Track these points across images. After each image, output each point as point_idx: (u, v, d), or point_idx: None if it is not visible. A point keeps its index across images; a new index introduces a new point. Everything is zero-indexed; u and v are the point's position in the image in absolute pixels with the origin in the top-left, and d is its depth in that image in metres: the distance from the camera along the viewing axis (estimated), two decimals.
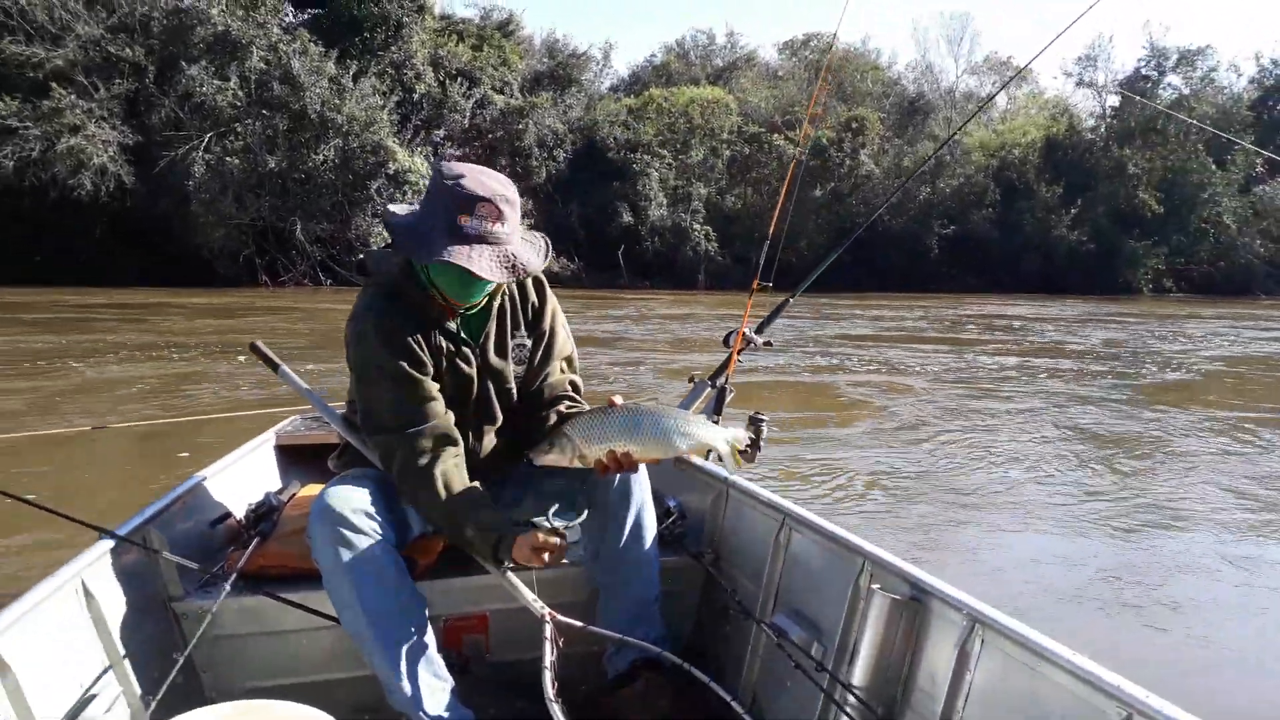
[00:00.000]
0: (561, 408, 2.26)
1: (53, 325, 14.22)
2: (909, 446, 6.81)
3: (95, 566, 1.89)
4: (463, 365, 2.14)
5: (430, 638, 2.03)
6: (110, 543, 1.95)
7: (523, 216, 2.07)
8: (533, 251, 2.06)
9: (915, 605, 1.76)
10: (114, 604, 1.91)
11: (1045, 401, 9.11)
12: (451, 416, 2.12)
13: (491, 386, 2.21)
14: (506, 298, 2.24)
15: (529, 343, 2.27)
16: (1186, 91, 42.03)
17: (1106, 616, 3.73)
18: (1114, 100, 43.98)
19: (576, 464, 1.99)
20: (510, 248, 1.96)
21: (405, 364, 2.04)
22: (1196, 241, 41.28)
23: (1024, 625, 1.53)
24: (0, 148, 22.92)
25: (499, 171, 2.06)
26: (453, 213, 1.92)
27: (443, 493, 2.03)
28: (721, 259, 35.04)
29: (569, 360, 2.36)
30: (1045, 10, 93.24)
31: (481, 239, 1.92)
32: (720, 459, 2.15)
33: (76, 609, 1.82)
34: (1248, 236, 41.76)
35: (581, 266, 32.72)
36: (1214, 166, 39.63)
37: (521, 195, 2.03)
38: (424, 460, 2.04)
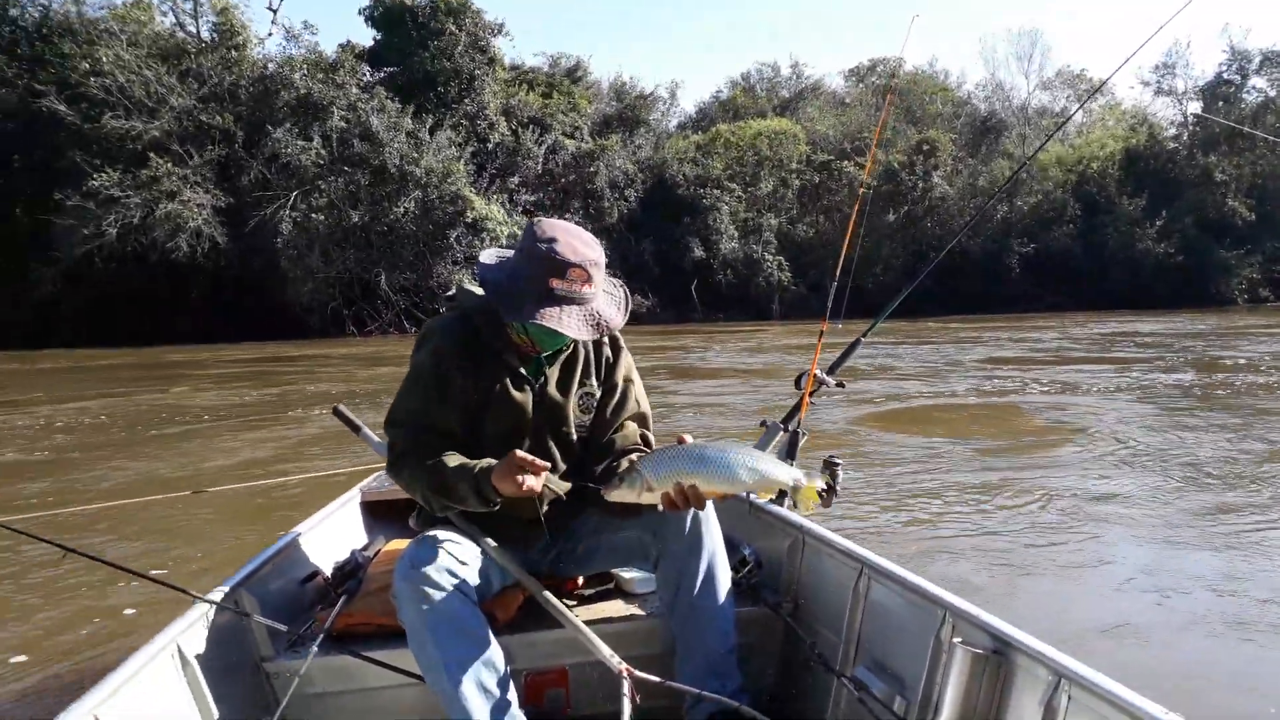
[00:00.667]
0: (633, 457, 2.28)
1: (147, 383, 14.90)
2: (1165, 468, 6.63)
3: (190, 632, 1.97)
4: (517, 396, 2.22)
5: (512, 693, 2.05)
6: (204, 607, 2.03)
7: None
8: (614, 306, 2.18)
9: (998, 659, 1.71)
10: (209, 667, 1.98)
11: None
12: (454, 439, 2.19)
13: (548, 427, 2.27)
14: (579, 345, 2.31)
15: (598, 393, 2.33)
16: (1273, 94, 40.34)
17: None
18: (1196, 106, 42.53)
19: (645, 498, 2.00)
20: (596, 305, 2.09)
21: (442, 377, 2.17)
22: None
23: (1114, 682, 1.48)
24: (104, 216, 24.26)
25: (573, 215, 2.15)
26: (545, 276, 2.04)
27: (428, 473, 2.13)
28: (795, 288, 34.87)
29: (642, 418, 2.40)
30: (1117, 18, 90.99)
31: (570, 300, 2.05)
32: (793, 501, 2.13)
33: (173, 674, 1.89)
34: None
35: (656, 302, 32.94)
36: None
37: (595, 235, 2.11)
38: (422, 453, 2.15)
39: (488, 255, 2.24)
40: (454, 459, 2.13)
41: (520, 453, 2.02)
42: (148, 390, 13.73)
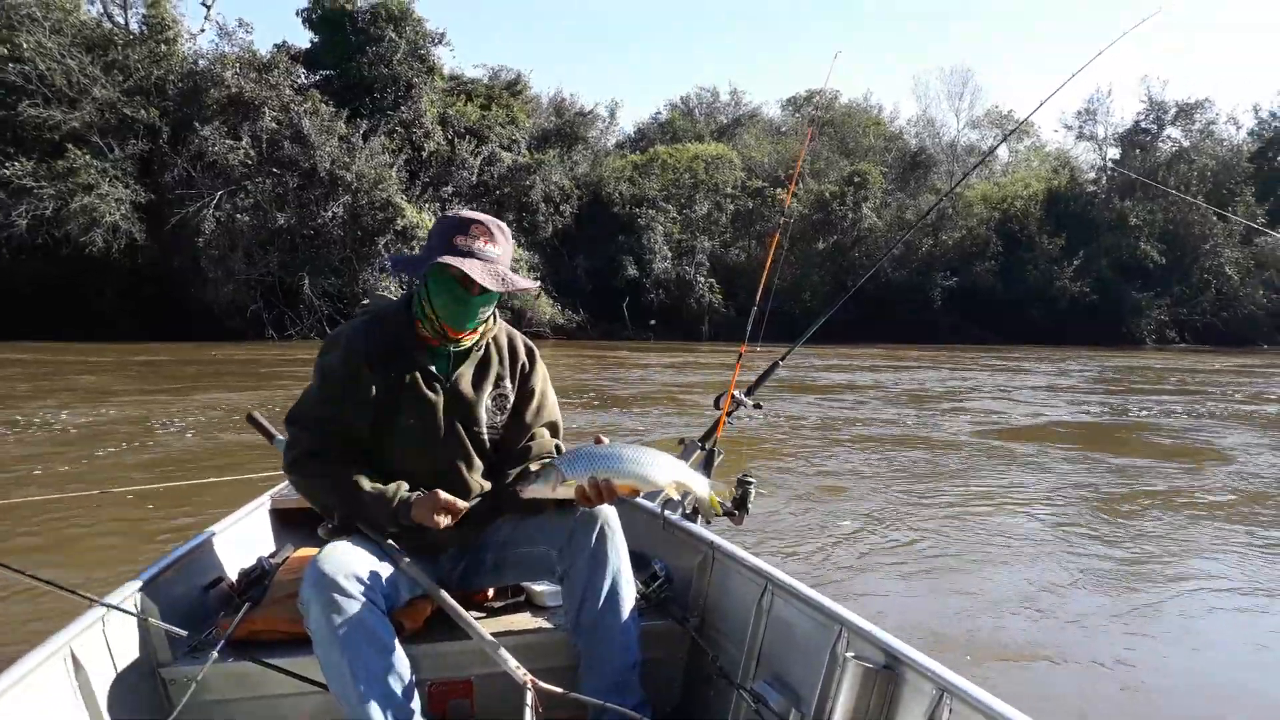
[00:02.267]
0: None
1: (52, 378, 14.34)
2: None
3: (84, 636, 1.92)
4: (428, 394, 2.26)
5: (416, 702, 2.05)
6: (100, 611, 1.98)
7: (530, 270, 2.25)
8: (521, 277, 2.25)
9: (888, 674, 1.78)
10: (102, 672, 1.94)
11: None
12: (356, 436, 2.23)
13: (460, 426, 2.30)
14: (493, 348, 2.36)
15: (512, 396, 2.38)
16: (1186, 144, 42.44)
17: None
18: (1115, 152, 44.48)
19: (560, 492, 2.08)
20: (501, 266, 2.17)
21: (352, 377, 2.21)
22: (1199, 292, 41.38)
23: (993, 696, 1.55)
24: (15, 206, 23.30)
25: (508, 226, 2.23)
26: (449, 234, 2.14)
27: (334, 475, 2.18)
28: (725, 310, 35.27)
29: (554, 426, 2.45)
30: (1045, 63, 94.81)
31: (473, 254, 2.13)
32: (697, 506, 2.22)
33: (64, 678, 1.84)
34: (1250, 287, 41.86)
35: (587, 318, 32.98)
36: (1215, 218, 39.88)
37: (528, 249, 2.18)
38: (320, 451, 2.20)
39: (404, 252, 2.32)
40: (367, 482, 2.18)
41: (444, 495, 2.14)
42: (52, 388, 13.20)
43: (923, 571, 4.99)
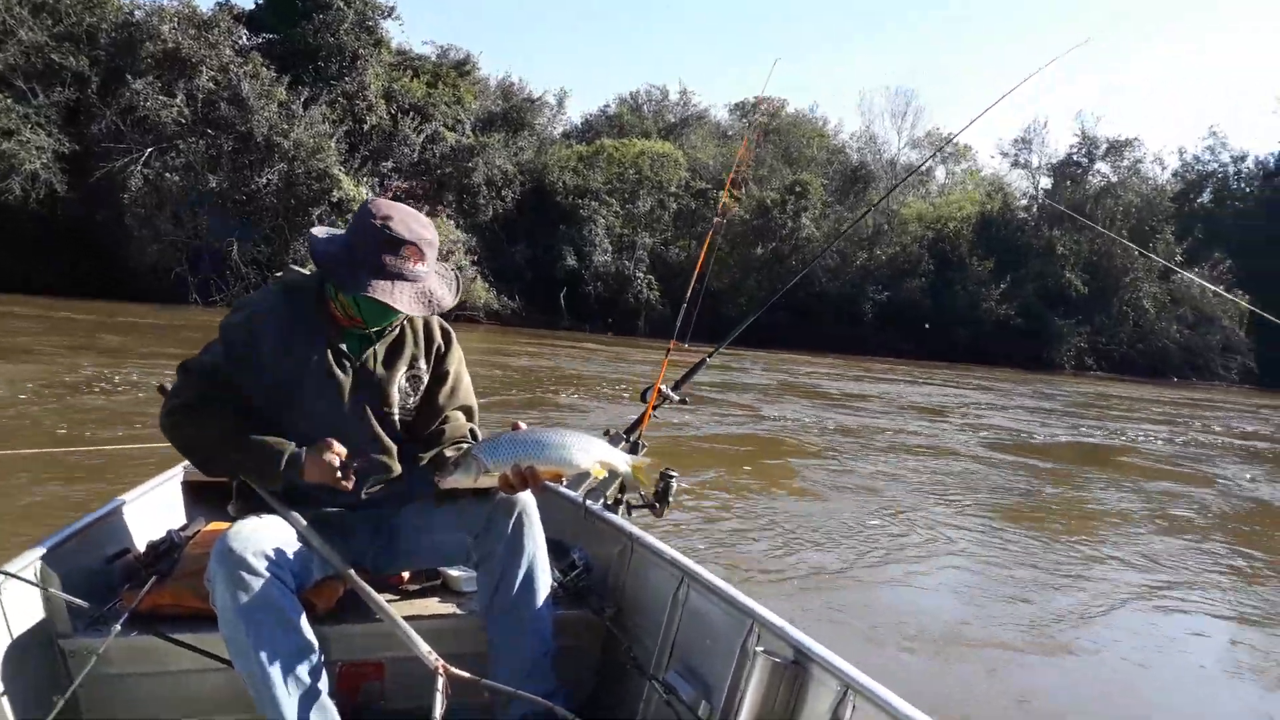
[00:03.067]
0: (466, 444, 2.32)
1: None
2: None
3: None
4: (336, 372, 2.22)
5: (324, 683, 2.02)
6: None
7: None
8: (446, 288, 2.22)
9: (796, 669, 1.82)
10: None
11: None
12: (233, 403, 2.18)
13: (369, 407, 2.27)
14: (408, 328, 2.35)
15: (426, 378, 2.36)
16: (1114, 179, 44.08)
17: None
18: (1047, 182, 45.93)
19: (483, 482, 2.07)
20: (428, 284, 2.14)
21: (253, 345, 2.16)
22: (1118, 323, 42.99)
23: (894, 694, 1.60)
24: None
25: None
26: (379, 252, 2.08)
27: (220, 422, 2.12)
28: (662, 307, 35.44)
29: (468, 410, 2.45)
30: (987, 90, 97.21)
31: (402, 277, 2.09)
32: (625, 484, 2.22)
33: None
34: (1165, 321, 43.64)
35: (523, 306, 32.82)
36: (1137, 254, 41.50)
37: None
38: (210, 398, 2.14)
39: (320, 231, 2.25)
40: (256, 434, 2.13)
41: (338, 446, 2.08)
42: None
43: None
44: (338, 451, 2.07)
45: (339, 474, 2.08)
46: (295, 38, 28.90)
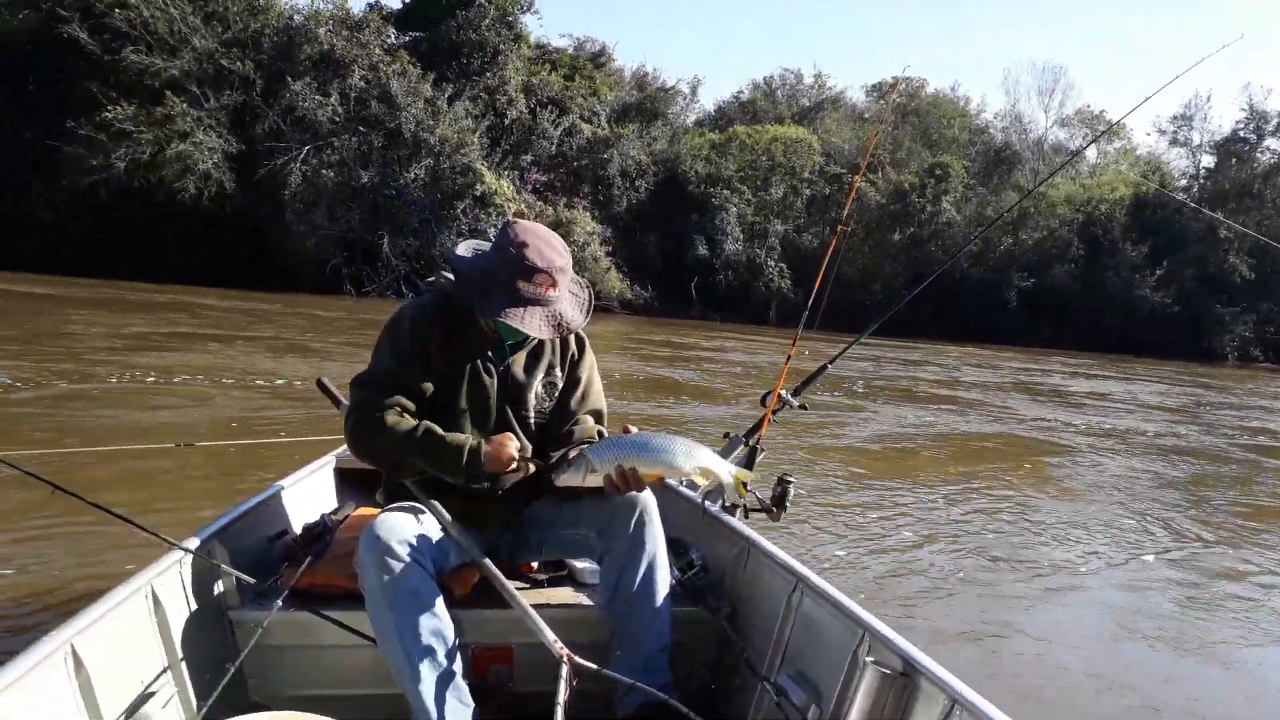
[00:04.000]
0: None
1: (143, 322, 14.96)
2: None
3: (164, 576, 2.10)
4: (484, 377, 2.38)
5: (459, 665, 2.17)
6: (178, 554, 2.16)
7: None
8: (577, 308, 2.35)
9: (904, 680, 1.85)
10: (177, 611, 2.11)
11: None
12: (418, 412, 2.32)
13: (510, 410, 2.42)
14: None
15: (561, 383, 2.50)
16: None
17: None
18: (1208, 161, 42.73)
19: (590, 480, 2.19)
20: (559, 307, 2.26)
21: (422, 348, 2.32)
22: None
23: (999, 710, 1.62)
24: (114, 150, 24.21)
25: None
26: (513, 277, 2.22)
27: (405, 426, 2.26)
28: (794, 296, 34.99)
29: (598, 414, 2.57)
30: (1142, 64, 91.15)
31: (535, 302, 2.22)
32: (726, 493, 2.28)
33: (144, 614, 2.02)
34: None
35: (655, 296, 33.03)
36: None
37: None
38: (385, 413, 2.27)
39: (464, 248, 2.42)
40: (439, 430, 2.26)
41: (513, 439, 2.27)
42: (140, 330, 13.79)
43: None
44: (515, 445, 2.27)
45: (515, 464, 2.27)
46: (440, 35, 29.95)
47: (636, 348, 18.40)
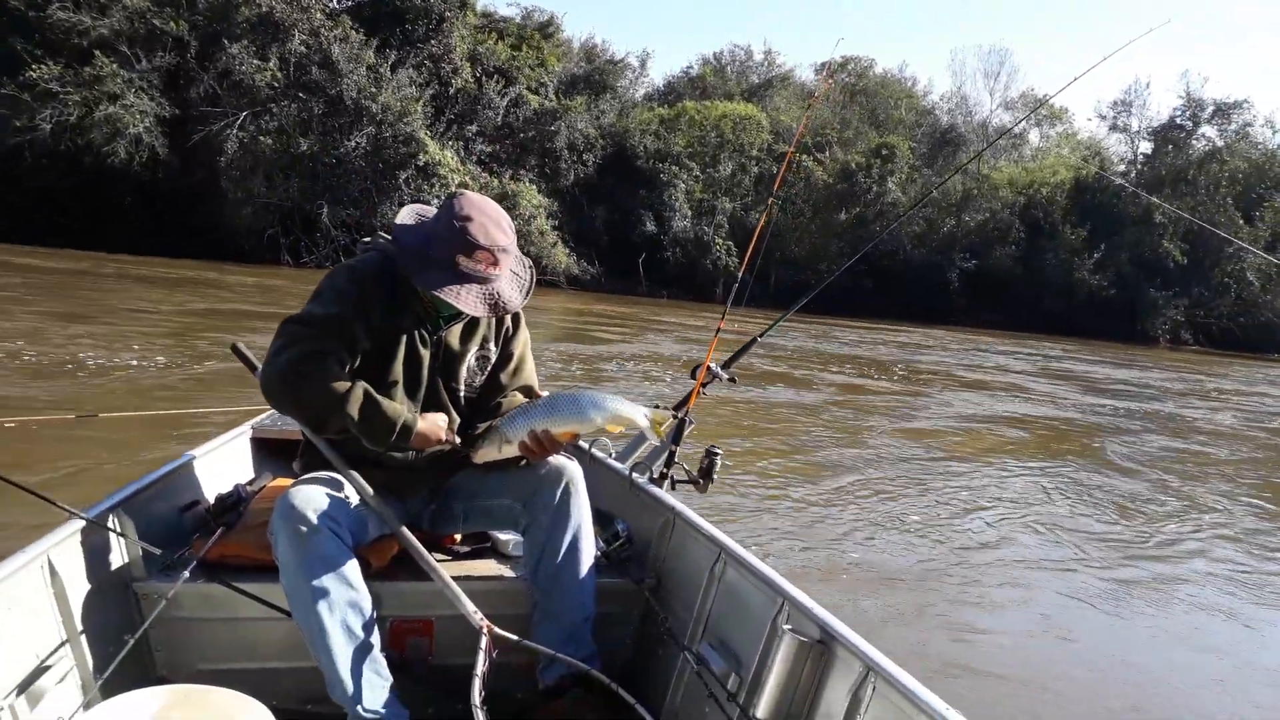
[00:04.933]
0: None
1: (65, 289, 14.48)
2: None
3: (62, 546, 2.00)
4: (419, 347, 2.31)
5: (376, 637, 2.12)
6: (79, 524, 2.06)
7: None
8: (516, 288, 2.27)
9: (821, 648, 1.86)
10: (77, 583, 2.02)
11: None
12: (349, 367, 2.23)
13: (441, 381, 2.36)
14: None
15: (494, 357, 2.44)
16: (1220, 144, 41.85)
17: None
18: (1146, 147, 43.86)
19: (506, 452, 2.17)
20: (497, 286, 2.19)
21: (354, 304, 2.21)
22: (1218, 295, 41.08)
23: (913, 679, 1.62)
24: (39, 111, 23.30)
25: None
26: (454, 253, 2.14)
27: (339, 381, 2.12)
28: (749, 277, 35.06)
29: (529, 389, 2.51)
30: (1086, 48, 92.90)
31: (473, 279, 2.15)
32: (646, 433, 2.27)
33: (40, 585, 1.93)
34: (1271, 294, 41.49)
35: (602, 271, 32.94)
36: (1242, 222, 39.45)
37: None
38: (326, 360, 2.13)
39: (406, 214, 2.32)
40: (373, 393, 2.15)
41: (444, 419, 2.25)
42: (64, 297, 13.34)
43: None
44: (446, 428, 2.23)
45: (448, 433, 2.24)
46: (383, 0, 29.31)
47: (582, 323, 18.33)
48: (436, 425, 2.22)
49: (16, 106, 23.15)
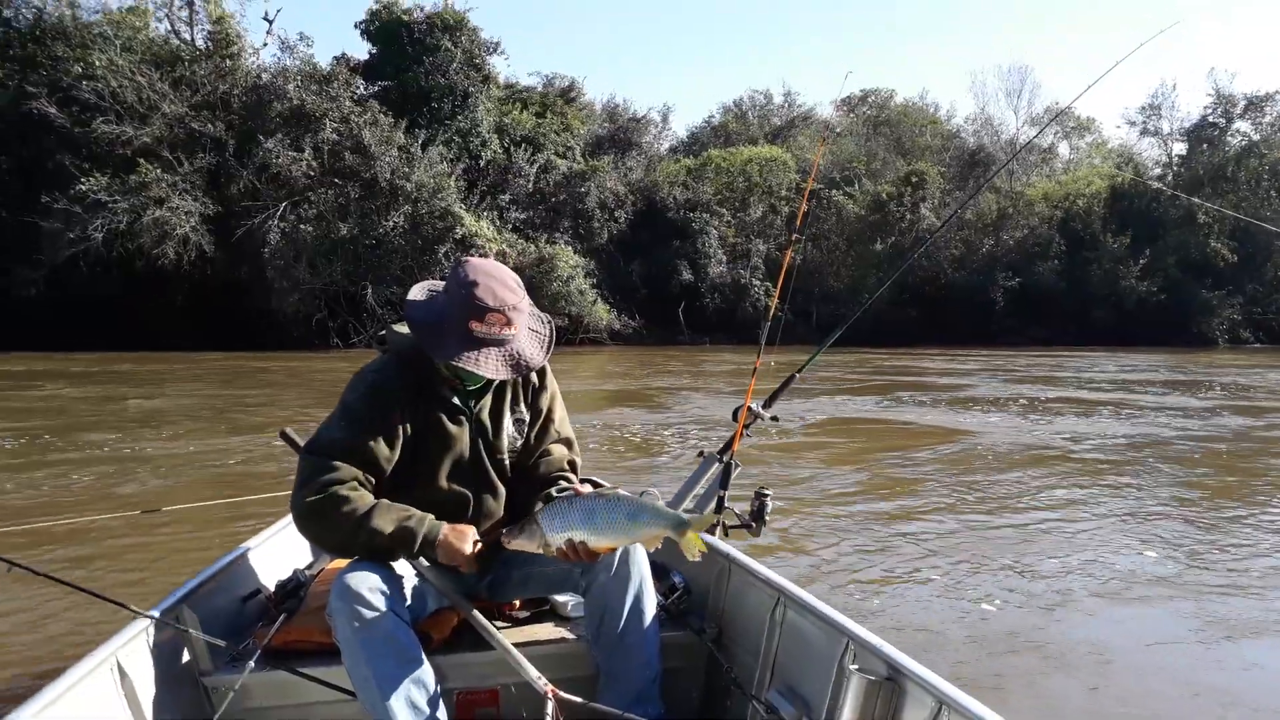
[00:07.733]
0: (554, 490, 2.38)
1: (122, 389, 14.87)
2: None
3: (130, 646, 2.03)
4: (453, 428, 2.31)
5: (442, 711, 2.12)
6: (145, 622, 2.10)
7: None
8: (537, 345, 2.28)
9: (891, 685, 1.82)
10: (146, 681, 2.05)
11: None
12: (370, 485, 2.23)
13: (485, 454, 2.37)
14: None
15: (528, 417, 2.45)
16: (1256, 138, 41.08)
17: None
18: (1180, 148, 43.20)
19: (541, 551, 2.12)
20: (516, 346, 2.20)
21: (381, 413, 2.22)
22: (1274, 290, 40.01)
23: (989, 710, 1.58)
24: (91, 220, 24.19)
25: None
26: (466, 319, 2.15)
27: (350, 506, 2.13)
28: (781, 314, 34.91)
29: (567, 441, 2.51)
30: (1107, 55, 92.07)
31: (489, 342, 2.16)
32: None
33: (110, 687, 1.95)
34: None
35: (643, 324, 33.09)
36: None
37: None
38: (336, 485, 2.14)
39: (417, 291, 2.33)
40: (390, 524, 2.15)
41: (472, 533, 2.21)
42: (120, 398, 13.71)
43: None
44: (472, 540, 2.20)
45: (468, 561, 2.20)
46: (408, 82, 30.20)
47: (625, 381, 18.33)
48: (463, 538, 2.19)
49: (70, 219, 24.10)
